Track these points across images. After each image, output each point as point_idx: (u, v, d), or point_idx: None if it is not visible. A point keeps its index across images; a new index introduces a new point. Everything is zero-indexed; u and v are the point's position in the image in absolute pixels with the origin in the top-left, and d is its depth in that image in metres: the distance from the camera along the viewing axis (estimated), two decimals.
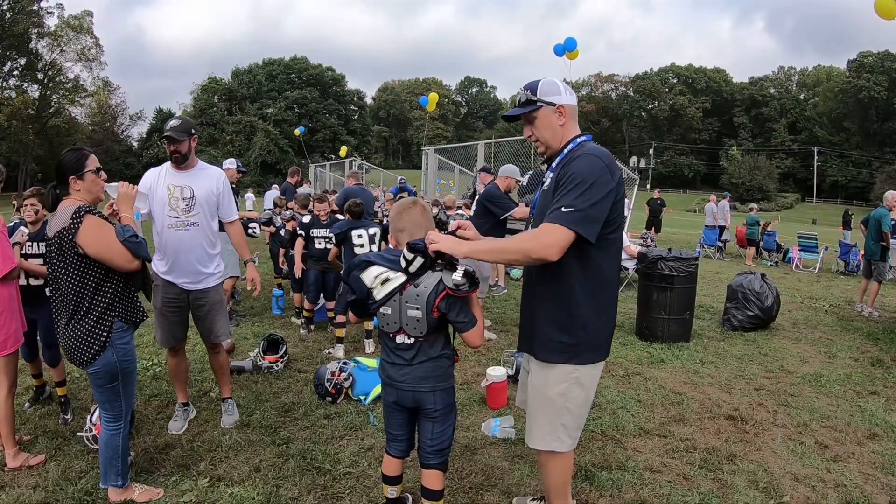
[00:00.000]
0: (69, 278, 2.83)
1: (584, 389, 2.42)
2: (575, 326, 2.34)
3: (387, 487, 2.87)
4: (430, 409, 2.63)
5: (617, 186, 2.23)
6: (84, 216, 2.79)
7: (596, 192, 2.16)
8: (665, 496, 3.29)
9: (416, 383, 2.59)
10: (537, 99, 2.38)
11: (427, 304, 2.45)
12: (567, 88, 2.40)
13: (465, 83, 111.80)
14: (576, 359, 2.36)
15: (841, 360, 6.07)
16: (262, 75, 76.32)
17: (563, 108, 2.37)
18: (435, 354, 2.59)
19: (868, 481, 3.51)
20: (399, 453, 2.81)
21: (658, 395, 4.85)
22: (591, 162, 2.21)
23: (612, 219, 2.26)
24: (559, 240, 2.15)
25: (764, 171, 71.63)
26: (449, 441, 2.73)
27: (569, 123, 2.40)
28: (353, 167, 22.71)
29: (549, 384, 2.41)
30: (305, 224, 6.44)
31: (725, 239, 16.70)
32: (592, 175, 2.17)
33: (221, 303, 4.03)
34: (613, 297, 2.47)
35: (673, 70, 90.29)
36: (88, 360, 2.89)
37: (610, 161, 2.25)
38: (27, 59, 53.57)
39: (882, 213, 8.60)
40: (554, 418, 2.42)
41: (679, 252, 6.75)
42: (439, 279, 2.43)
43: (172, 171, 3.82)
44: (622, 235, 2.41)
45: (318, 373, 4.66)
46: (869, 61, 70.48)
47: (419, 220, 2.58)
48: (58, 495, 3.16)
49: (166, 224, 3.73)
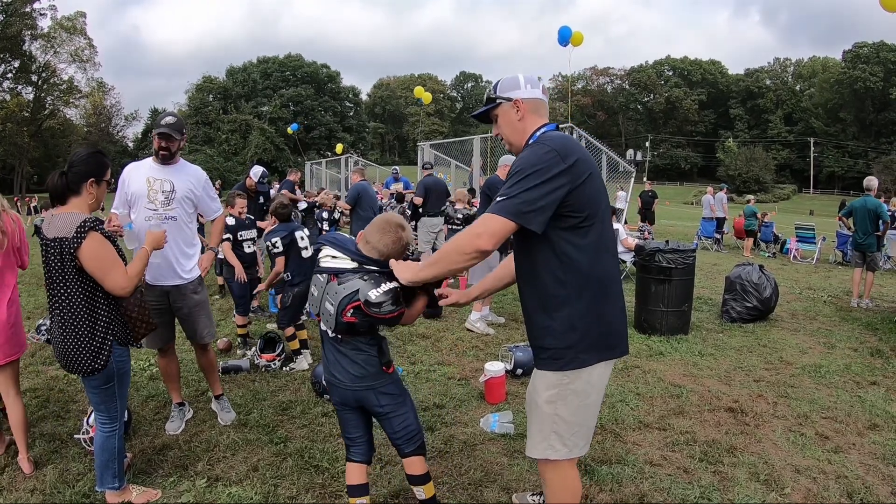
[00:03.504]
0: (67, 286, 2.80)
1: (579, 396, 2.23)
2: (560, 329, 2.18)
3: (354, 501, 2.72)
4: (377, 408, 2.60)
5: (572, 170, 2.06)
6: (89, 232, 2.76)
7: (534, 178, 2.02)
8: (666, 490, 3.28)
9: (352, 382, 2.55)
10: (496, 96, 2.32)
11: (339, 304, 2.41)
12: (530, 82, 2.31)
13: (460, 78, 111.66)
14: (567, 365, 2.20)
15: (840, 351, 6.06)
16: (256, 73, 76.05)
17: (520, 102, 2.28)
18: (360, 351, 2.54)
19: (869, 472, 3.50)
20: (361, 457, 2.74)
21: (657, 388, 4.84)
22: (534, 150, 2.12)
23: (580, 207, 2.10)
24: (489, 227, 2.04)
25: (760, 163, 71.78)
26: (414, 426, 2.68)
27: (528, 117, 2.29)
28: (349, 164, 22.70)
29: (537, 391, 2.30)
30: (231, 226, 5.83)
31: (724, 231, 16.71)
32: (531, 162, 2.06)
33: (203, 304, 3.98)
34: (607, 293, 2.22)
35: (668, 63, 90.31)
36: (89, 373, 2.87)
37: (562, 146, 2.10)
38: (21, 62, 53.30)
39: (876, 202, 8.58)
40: (544, 426, 2.28)
41: (676, 244, 6.73)
42: (357, 288, 2.38)
43: (154, 165, 3.80)
44: (605, 227, 2.22)
45: (316, 371, 4.64)
46: (864, 52, 70.57)
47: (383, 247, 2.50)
48: (55, 498, 3.14)
49: (144, 217, 3.71)
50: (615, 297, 2.27)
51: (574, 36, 14.40)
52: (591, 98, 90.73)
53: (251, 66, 78.07)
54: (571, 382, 2.21)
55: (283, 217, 5.54)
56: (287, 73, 76.47)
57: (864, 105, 71.27)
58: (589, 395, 2.26)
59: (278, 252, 5.33)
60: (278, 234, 5.34)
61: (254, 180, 7.55)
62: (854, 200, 9.03)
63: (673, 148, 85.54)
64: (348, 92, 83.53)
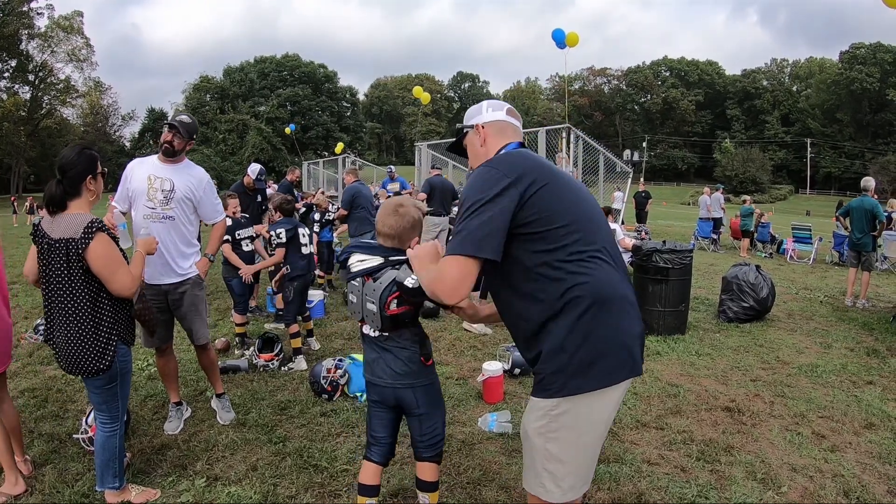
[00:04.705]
0: (73, 287, 2.79)
1: (573, 431, 1.93)
2: (548, 351, 1.93)
3: (363, 500, 2.71)
4: (413, 406, 2.62)
5: (519, 183, 1.88)
6: (96, 233, 2.77)
7: (476, 205, 1.87)
8: (663, 488, 3.29)
9: (394, 380, 2.58)
10: (463, 126, 2.27)
11: (380, 300, 2.48)
12: (492, 106, 2.23)
13: (457, 78, 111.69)
14: (557, 392, 1.91)
15: (836, 351, 6.08)
16: (253, 73, 76.07)
17: (480, 127, 2.20)
18: (404, 348, 2.58)
19: (865, 471, 3.52)
20: (380, 459, 2.73)
21: (654, 387, 4.85)
22: (475, 176, 1.98)
23: (541, 219, 1.89)
24: (443, 273, 1.89)
25: (757, 163, 71.98)
26: (440, 435, 2.71)
27: (491, 140, 2.19)
28: (346, 164, 22.65)
29: (528, 419, 2.02)
30: (228, 226, 5.57)
31: (721, 231, 16.73)
32: (473, 189, 1.93)
33: (199, 305, 3.98)
34: (603, 307, 1.91)
35: (665, 63, 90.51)
36: (94, 373, 2.87)
37: (505, 162, 1.97)
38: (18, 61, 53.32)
39: (872, 203, 8.61)
40: (536, 462, 2.00)
41: (674, 244, 6.75)
42: (392, 278, 2.45)
43: (157, 164, 3.81)
44: (589, 234, 1.96)
45: (314, 370, 4.65)
46: (861, 53, 70.81)
47: (390, 229, 2.57)
48: (54, 498, 3.13)
49: (142, 214, 3.72)
50: (616, 313, 1.93)
51: (569, 36, 14.37)
52: (589, 98, 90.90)
53: (248, 65, 78.11)
54: (563, 414, 1.92)
55: (287, 212, 5.73)
56: (284, 73, 76.52)
57: (861, 106, 71.49)
58: (584, 433, 1.96)
59: (281, 243, 5.54)
60: (283, 225, 5.57)
61: (252, 178, 7.55)
62: (851, 200, 9.07)
63: (670, 148, 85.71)
64: (345, 92, 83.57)
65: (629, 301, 1.99)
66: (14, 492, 3.15)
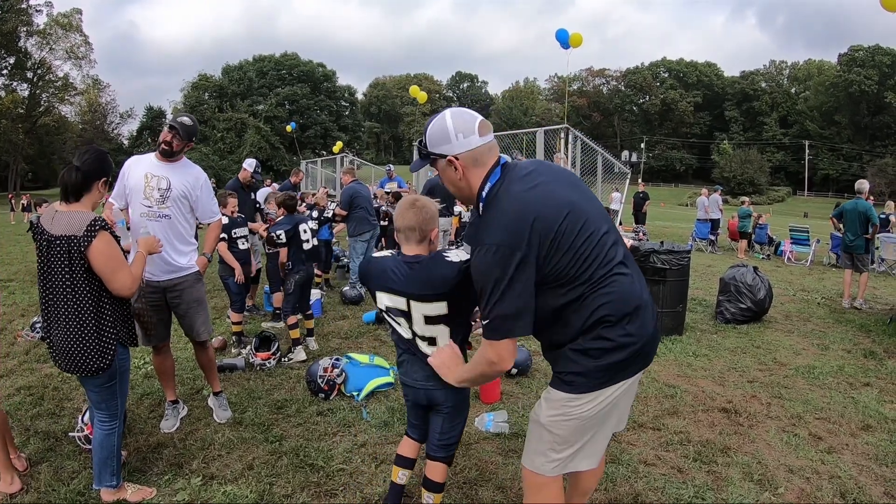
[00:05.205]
0: (74, 285, 2.78)
1: (587, 420, 2.08)
2: (573, 356, 2.04)
3: (397, 470, 2.86)
4: (442, 404, 2.67)
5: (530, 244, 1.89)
6: (99, 231, 2.76)
7: (497, 285, 1.90)
8: (660, 489, 3.29)
9: (426, 381, 2.63)
10: (429, 151, 2.13)
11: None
12: (462, 131, 2.06)
13: (456, 78, 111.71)
14: (578, 388, 2.05)
15: (834, 352, 6.09)
16: (252, 72, 75.89)
17: (454, 160, 2.07)
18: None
19: (862, 472, 3.53)
20: (418, 436, 2.88)
21: (651, 388, 4.85)
22: (487, 256, 1.92)
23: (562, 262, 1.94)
24: (487, 356, 2.04)
25: (755, 165, 71.97)
26: (457, 438, 2.77)
27: (469, 174, 2.09)
28: (344, 163, 22.60)
29: (542, 407, 2.16)
30: (225, 225, 5.76)
31: (719, 232, 16.74)
32: (482, 273, 1.95)
33: (200, 301, 3.98)
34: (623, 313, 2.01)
35: (664, 64, 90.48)
36: (94, 372, 2.86)
37: (505, 232, 1.91)
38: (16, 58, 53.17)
39: (866, 205, 8.64)
40: (542, 443, 2.16)
41: (671, 245, 6.75)
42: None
43: (154, 162, 3.80)
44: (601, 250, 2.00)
45: (311, 369, 4.64)
46: (859, 55, 70.79)
47: (412, 222, 2.56)
48: (50, 496, 3.13)
49: (139, 212, 3.71)
50: (636, 321, 2.04)
51: (573, 37, 14.36)
52: (587, 99, 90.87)
53: (247, 64, 77.94)
54: (580, 406, 2.05)
55: (290, 208, 5.78)
56: (283, 72, 76.38)
57: (859, 108, 71.53)
58: (597, 421, 2.11)
59: (282, 244, 5.62)
60: (282, 226, 5.63)
61: (249, 171, 7.45)
62: (845, 202, 9.10)
63: (668, 149, 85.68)
64: (344, 91, 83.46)
65: (646, 304, 2.11)
66: (10, 490, 3.14)
